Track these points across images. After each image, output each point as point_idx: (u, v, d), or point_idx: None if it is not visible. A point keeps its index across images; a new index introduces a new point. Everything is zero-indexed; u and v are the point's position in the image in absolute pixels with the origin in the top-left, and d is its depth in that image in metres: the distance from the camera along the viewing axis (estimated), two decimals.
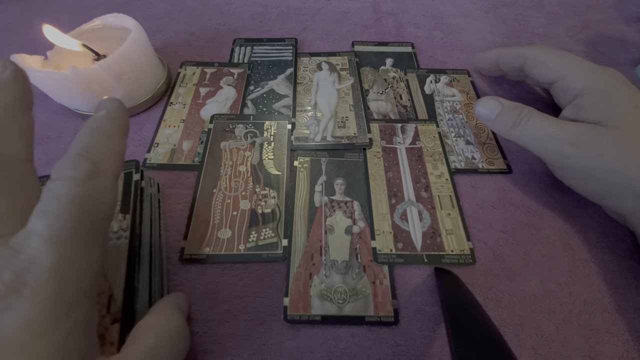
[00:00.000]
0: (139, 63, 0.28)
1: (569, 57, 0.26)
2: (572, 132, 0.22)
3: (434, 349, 0.20)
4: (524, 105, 0.24)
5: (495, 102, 0.25)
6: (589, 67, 0.24)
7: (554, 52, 0.26)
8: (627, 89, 0.23)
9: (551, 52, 0.26)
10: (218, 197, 0.25)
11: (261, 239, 0.23)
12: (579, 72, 0.24)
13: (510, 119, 0.24)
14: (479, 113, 0.26)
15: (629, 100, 0.22)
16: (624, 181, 0.20)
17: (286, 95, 0.31)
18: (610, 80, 0.23)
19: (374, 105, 0.31)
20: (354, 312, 0.21)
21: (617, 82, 0.23)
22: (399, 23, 0.39)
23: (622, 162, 0.20)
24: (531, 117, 0.23)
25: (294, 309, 0.21)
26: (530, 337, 0.21)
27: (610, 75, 0.24)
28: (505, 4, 0.42)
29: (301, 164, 0.27)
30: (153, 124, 0.29)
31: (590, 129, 0.22)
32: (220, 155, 0.27)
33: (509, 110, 0.24)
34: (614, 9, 0.42)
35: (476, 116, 0.26)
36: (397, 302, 0.21)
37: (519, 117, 0.23)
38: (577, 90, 0.24)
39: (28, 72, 0.24)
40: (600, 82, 0.23)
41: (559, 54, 0.26)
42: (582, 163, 0.21)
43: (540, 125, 0.23)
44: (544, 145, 0.23)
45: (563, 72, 0.25)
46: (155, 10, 0.39)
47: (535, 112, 0.23)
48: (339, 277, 0.22)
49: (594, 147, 0.21)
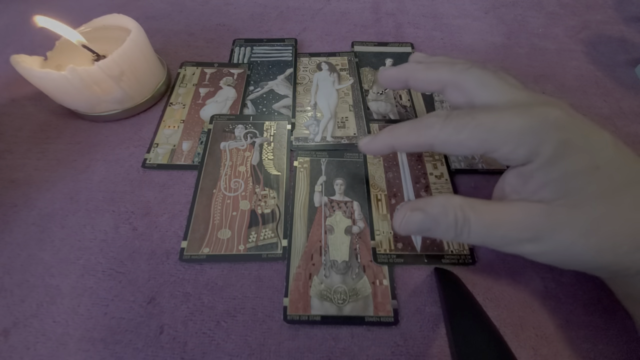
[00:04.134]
0: (138, 63, 0.28)
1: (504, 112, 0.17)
2: (526, 227, 0.17)
3: (434, 349, 0.20)
4: (456, 203, 0.18)
5: (420, 216, 0.18)
6: (532, 118, 0.17)
7: (487, 85, 0.19)
8: (583, 141, 0.16)
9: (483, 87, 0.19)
10: (218, 198, 0.25)
11: (261, 240, 0.23)
12: (518, 129, 0.16)
13: (446, 231, 0.18)
14: (406, 229, 0.19)
15: (588, 160, 0.16)
16: (602, 266, 0.17)
17: (286, 96, 0.31)
18: (563, 138, 0.16)
19: (374, 106, 0.31)
20: (353, 312, 0.21)
21: (570, 134, 0.16)
22: (399, 23, 0.39)
23: (594, 251, 0.16)
24: (470, 224, 0.17)
25: (293, 309, 0.21)
26: (530, 337, 0.21)
27: (560, 126, 0.16)
28: (505, 4, 0.42)
29: (301, 164, 0.27)
30: (153, 125, 0.29)
31: (546, 217, 0.16)
32: (220, 155, 0.27)
33: (438, 221, 0.18)
34: (613, 9, 0.42)
35: (403, 232, 0.19)
36: (397, 303, 0.21)
37: (457, 228, 0.18)
38: (521, 156, 0.17)
39: (28, 73, 0.25)
40: (550, 141, 0.16)
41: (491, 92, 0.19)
42: (549, 259, 0.17)
43: (485, 232, 0.17)
44: (503, 248, 0.18)
45: (496, 132, 0.17)
46: (155, 10, 0.39)
47: (473, 216, 0.17)
48: (339, 277, 0.22)
49: (558, 241, 0.16)
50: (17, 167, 0.26)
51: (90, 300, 0.21)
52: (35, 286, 0.21)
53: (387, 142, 0.20)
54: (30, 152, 0.27)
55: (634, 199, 0.16)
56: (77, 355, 0.19)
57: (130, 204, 0.25)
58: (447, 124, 0.18)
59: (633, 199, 0.16)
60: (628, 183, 0.16)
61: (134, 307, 0.21)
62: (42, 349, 0.19)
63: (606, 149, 0.16)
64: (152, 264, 0.22)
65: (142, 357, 0.19)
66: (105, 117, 0.29)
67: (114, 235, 0.23)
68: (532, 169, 0.17)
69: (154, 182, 0.26)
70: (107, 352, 0.19)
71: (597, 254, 0.16)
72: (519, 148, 0.17)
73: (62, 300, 0.21)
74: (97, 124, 0.29)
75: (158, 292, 0.21)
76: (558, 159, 0.16)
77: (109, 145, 0.28)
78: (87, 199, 0.25)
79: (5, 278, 0.22)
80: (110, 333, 0.20)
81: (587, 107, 0.32)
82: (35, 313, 0.21)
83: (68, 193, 0.25)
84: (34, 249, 0.23)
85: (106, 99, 0.27)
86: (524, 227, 0.17)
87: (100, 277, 0.22)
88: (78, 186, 0.26)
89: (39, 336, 0.20)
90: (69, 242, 0.23)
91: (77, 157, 0.27)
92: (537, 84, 0.34)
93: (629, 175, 0.16)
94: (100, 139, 0.28)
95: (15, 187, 0.25)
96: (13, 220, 0.24)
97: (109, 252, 0.23)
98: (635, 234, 0.16)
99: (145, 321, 0.20)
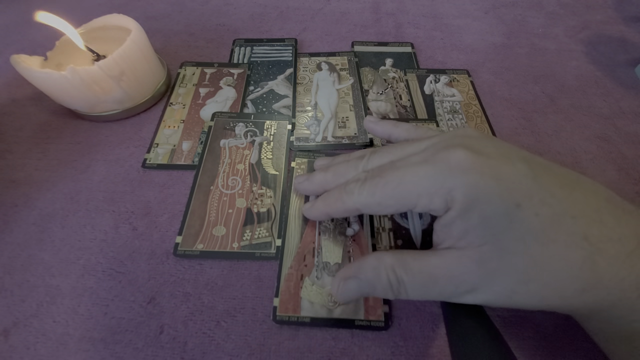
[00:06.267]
0: (138, 63, 0.28)
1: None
2: (461, 281, 0.15)
3: (434, 349, 0.20)
4: (388, 264, 0.17)
5: (354, 284, 0.17)
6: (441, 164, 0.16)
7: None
8: (493, 180, 0.15)
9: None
10: (215, 195, 0.25)
11: (255, 238, 0.23)
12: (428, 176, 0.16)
13: (385, 293, 0.17)
14: (345, 298, 0.18)
15: (504, 199, 0.14)
16: (553, 309, 0.16)
17: (286, 96, 0.31)
18: (469, 182, 0.15)
19: (374, 106, 0.31)
20: (343, 315, 0.20)
21: (476, 175, 0.15)
22: (399, 23, 0.39)
23: (538, 297, 0.15)
24: (405, 285, 0.16)
25: (283, 309, 0.20)
26: (530, 336, 0.21)
27: (464, 169, 0.15)
28: (505, 4, 0.42)
29: (298, 165, 0.27)
30: (153, 125, 0.29)
31: (478, 267, 0.15)
32: (220, 153, 0.27)
33: (374, 285, 0.17)
34: (613, 9, 0.42)
35: (343, 301, 0.20)
36: (389, 307, 0.21)
37: (393, 290, 0.17)
38: (441, 206, 0.16)
39: (28, 73, 0.25)
40: (458, 188, 0.15)
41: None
42: (498, 305, 0.16)
43: (422, 290, 0.16)
44: (447, 300, 0.17)
45: (404, 186, 0.16)
46: (155, 10, 0.39)
47: (405, 277, 0.16)
48: (331, 279, 0.22)
49: (496, 290, 0.15)
50: (18, 167, 0.26)
51: (90, 300, 0.21)
52: (35, 286, 0.21)
53: (323, 211, 0.21)
54: (31, 152, 0.27)
55: (568, 234, 0.14)
56: (77, 355, 0.19)
57: (130, 204, 0.25)
58: (363, 188, 0.18)
59: (567, 235, 0.14)
60: (557, 216, 0.14)
61: (134, 307, 0.21)
62: (42, 349, 0.19)
63: (524, 181, 0.15)
64: (152, 263, 0.22)
65: (142, 357, 0.19)
66: (105, 117, 0.29)
67: (114, 235, 0.23)
68: (452, 216, 0.15)
69: (154, 182, 0.26)
70: (107, 352, 0.19)
71: (542, 300, 0.15)
72: (433, 199, 0.15)
73: (62, 300, 0.21)
74: (97, 124, 0.29)
75: (158, 292, 0.21)
76: (472, 205, 0.15)
77: (109, 145, 0.28)
78: (87, 199, 0.25)
79: (5, 278, 0.22)
80: (110, 333, 0.20)
81: (587, 107, 0.32)
82: (35, 313, 0.21)
83: (68, 193, 0.25)
84: (34, 249, 0.23)
85: (106, 99, 0.27)
86: (458, 281, 0.15)
87: (101, 277, 0.22)
88: (78, 186, 0.26)
89: (39, 336, 0.20)
90: (69, 242, 0.23)
91: (77, 157, 0.27)
92: (537, 84, 0.34)
93: (556, 207, 0.14)
94: (100, 139, 0.28)
95: (16, 187, 0.25)
96: (13, 220, 0.24)
97: (109, 252, 0.23)
98: (577, 274, 0.14)
99: (145, 321, 0.20)
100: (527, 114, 0.31)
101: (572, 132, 0.30)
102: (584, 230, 0.14)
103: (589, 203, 0.15)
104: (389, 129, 0.23)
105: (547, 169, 0.16)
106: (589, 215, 0.14)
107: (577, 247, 0.14)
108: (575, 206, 0.15)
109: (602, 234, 0.14)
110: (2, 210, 0.24)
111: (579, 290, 0.14)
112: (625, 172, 0.28)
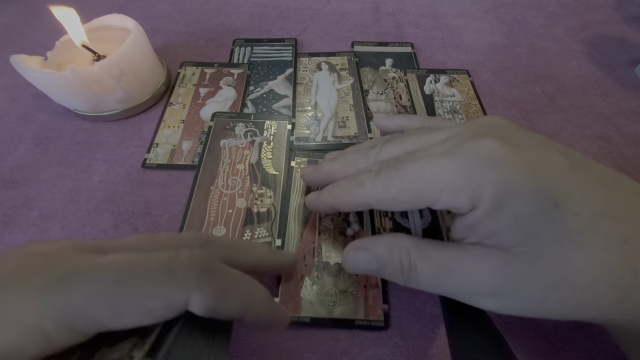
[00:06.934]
0: (138, 63, 0.28)
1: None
2: (482, 281, 0.14)
3: (434, 349, 0.20)
4: (403, 245, 0.16)
5: (364, 256, 0.17)
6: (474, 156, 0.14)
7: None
8: (529, 175, 0.13)
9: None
10: (215, 194, 0.25)
11: (255, 238, 0.23)
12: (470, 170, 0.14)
13: (394, 275, 0.16)
14: (353, 267, 0.17)
15: (541, 197, 0.13)
16: (586, 320, 0.14)
17: (286, 96, 0.31)
18: (502, 176, 0.13)
19: (374, 106, 0.31)
20: (343, 315, 0.20)
21: (509, 169, 0.13)
22: (399, 23, 0.39)
23: (572, 305, 0.13)
24: (416, 271, 0.15)
25: None
26: (530, 336, 0.20)
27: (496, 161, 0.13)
28: (505, 4, 0.42)
29: (298, 165, 0.27)
30: (153, 125, 0.29)
31: (504, 269, 0.13)
32: (220, 152, 0.27)
33: (384, 263, 0.16)
34: (613, 9, 0.42)
35: (350, 270, 0.18)
36: (388, 307, 0.21)
37: (403, 274, 0.15)
38: (466, 204, 0.14)
39: (28, 73, 0.25)
40: (489, 183, 0.13)
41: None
42: (523, 314, 0.14)
43: (435, 281, 0.15)
44: (462, 299, 0.15)
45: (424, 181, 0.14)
46: (155, 10, 0.39)
47: (420, 263, 0.15)
48: (331, 279, 0.22)
49: (523, 296, 0.14)
50: (18, 167, 0.26)
51: None
52: None
53: (329, 203, 0.19)
54: (31, 152, 0.27)
55: (608, 237, 0.13)
56: None
57: (130, 204, 0.25)
58: (377, 180, 0.16)
59: (606, 238, 0.13)
60: (597, 217, 0.13)
61: None
62: None
63: (562, 177, 0.13)
64: None
65: None
66: (105, 117, 0.29)
67: (114, 235, 0.23)
68: (479, 215, 0.14)
69: (154, 182, 0.26)
70: None
71: (576, 309, 0.13)
72: (458, 195, 0.14)
73: None
74: (97, 124, 0.29)
75: None
76: (504, 203, 0.13)
77: (109, 145, 0.28)
78: (87, 199, 0.25)
79: None
80: None
81: (587, 107, 0.32)
82: None
83: (68, 193, 0.25)
84: None
85: (106, 99, 0.27)
86: (477, 280, 0.14)
87: None
88: (78, 186, 0.26)
89: None
90: None
91: (77, 157, 0.27)
92: (537, 84, 0.34)
93: (597, 206, 0.13)
94: (100, 139, 0.28)
95: (15, 187, 0.25)
96: (13, 221, 0.24)
97: None
98: (617, 281, 0.13)
99: None
100: (527, 114, 0.31)
101: (573, 132, 0.30)
102: (625, 233, 0.13)
103: (631, 203, 0.13)
104: (402, 121, 0.21)
105: (585, 163, 0.14)
106: (631, 217, 0.13)
107: (617, 251, 0.13)
108: (616, 206, 0.13)
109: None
110: (2, 211, 0.24)
111: (618, 299, 0.13)
112: (625, 172, 0.27)
